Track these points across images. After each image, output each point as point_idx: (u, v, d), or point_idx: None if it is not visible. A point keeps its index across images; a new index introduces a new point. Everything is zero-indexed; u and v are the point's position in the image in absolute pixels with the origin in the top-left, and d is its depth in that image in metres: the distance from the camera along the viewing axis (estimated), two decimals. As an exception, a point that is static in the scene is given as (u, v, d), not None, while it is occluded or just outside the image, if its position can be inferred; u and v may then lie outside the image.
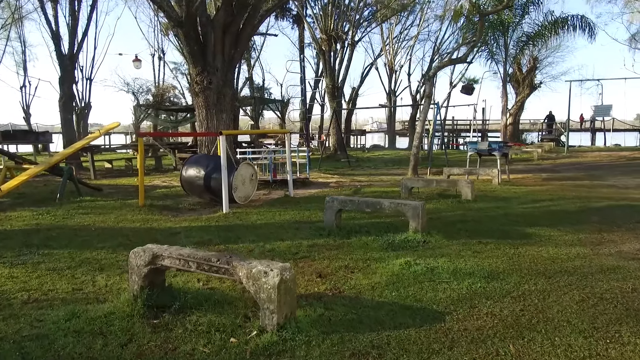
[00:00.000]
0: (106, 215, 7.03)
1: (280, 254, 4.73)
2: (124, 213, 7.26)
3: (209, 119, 14.11)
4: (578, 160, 19.43)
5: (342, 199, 5.61)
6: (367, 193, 9.18)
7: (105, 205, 8.05)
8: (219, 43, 13.74)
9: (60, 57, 16.89)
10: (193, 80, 14.15)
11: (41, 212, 7.15)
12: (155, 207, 7.90)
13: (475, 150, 11.89)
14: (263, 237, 5.53)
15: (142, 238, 5.52)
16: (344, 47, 25.10)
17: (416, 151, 11.83)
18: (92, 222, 6.53)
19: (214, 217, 6.89)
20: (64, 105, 16.65)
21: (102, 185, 11.18)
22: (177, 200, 8.90)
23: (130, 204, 8.10)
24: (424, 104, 11.75)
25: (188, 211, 7.84)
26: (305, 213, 7.10)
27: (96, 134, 9.42)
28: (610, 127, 36.57)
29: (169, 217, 7.13)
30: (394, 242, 5.05)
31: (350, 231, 5.61)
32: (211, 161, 8.09)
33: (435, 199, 8.13)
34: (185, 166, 8.19)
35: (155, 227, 6.29)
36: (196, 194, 8.37)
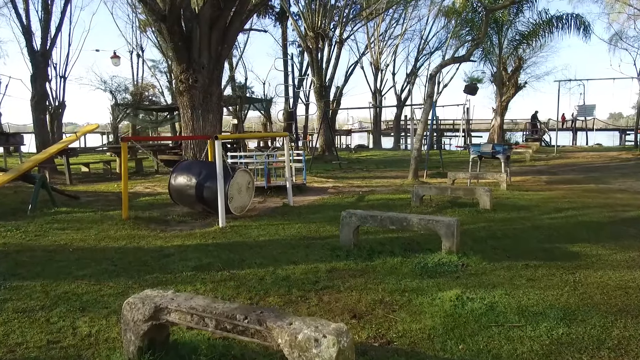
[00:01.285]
0: (85, 232, 6.17)
1: (298, 284, 3.99)
2: (105, 228, 6.41)
3: (194, 120, 13.23)
4: (571, 161, 19.11)
5: (361, 214, 4.89)
6: (372, 201, 8.49)
7: (84, 218, 7.16)
8: (205, 39, 12.88)
9: (32, 54, 15.79)
10: (177, 79, 13.25)
11: (9, 229, 6.25)
12: (141, 219, 7.05)
13: (479, 153, 11.33)
14: (271, 259, 4.78)
15: (129, 262, 4.72)
16: (331, 45, 24.40)
17: (417, 154, 11.21)
18: (70, 240, 5.67)
19: (210, 233, 6.10)
20: (37, 104, 15.56)
21: (79, 192, 10.25)
22: (164, 210, 8.07)
23: (112, 217, 7.24)
24: (425, 105, 11.13)
25: (178, 224, 7.03)
26: (312, 227, 6.37)
27: (73, 137, 8.52)
28: (592, 127, 36.77)
29: (158, 232, 6.32)
30: (427, 265, 4.36)
31: (371, 251, 4.91)
32: (203, 168, 7.28)
33: (450, 208, 7.48)
34: (174, 173, 7.37)
35: (144, 246, 5.47)
36: (187, 204, 7.55)
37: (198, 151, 13.38)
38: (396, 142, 38.03)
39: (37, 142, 15.62)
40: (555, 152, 22.65)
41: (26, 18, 16.02)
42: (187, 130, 13.35)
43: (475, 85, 13.39)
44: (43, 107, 15.71)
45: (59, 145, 8.36)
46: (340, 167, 17.87)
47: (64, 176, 13.31)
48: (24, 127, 42.50)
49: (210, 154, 8.69)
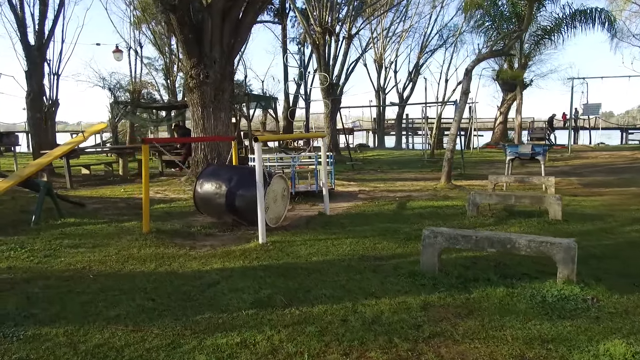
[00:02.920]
0: (103, 250, 5.24)
1: (396, 329, 3.11)
2: (125, 245, 5.48)
3: (205, 118, 12.29)
4: (589, 162, 18.40)
5: (450, 234, 4.02)
6: (417, 209, 7.62)
7: (98, 231, 6.23)
8: (216, 31, 11.93)
9: (27, 48, 14.74)
10: (187, 74, 12.29)
11: (12, 246, 5.30)
12: (163, 233, 6.14)
13: (517, 155, 10.51)
14: (341, 290, 3.89)
15: (168, 294, 3.81)
16: (338, 41, 23.47)
17: (450, 155, 10.36)
18: (87, 262, 4.74)
19: (250, 251, 5.19)
20: (32, 102, 14.53)
21: (83, 198, 9.29)
22: (184, 220, 7.16)
23: (129, 229, 6.31)
24: (460, 102, 10.29)
25: (206, 237, 6.13)
26: (366, 243, 5.48)
27: (80, 137, 7.58)
28: (594, 126, 36.15)
29: (187, 249, 5.41)
30: (545, 299, 3.51)
31: (461, 278, 4.04)
32: (234, 174, 6.37)
33: (513, 218, 6.64)
34: (200, 179, 6.45)
35: (178, 269, 4.56)
36: (214, 214, 6.64)
37: (209, 152, 12.46)
38: (398, 142, 37.26)
39: (33, 142, 14.60)
40: (569, 152, 21.95)
41: (21, 10, 14.95)
42: (197, 129, 12.40)
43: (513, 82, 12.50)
44: (39, 105, 14.67)
45: (65, 147, 7.41)
46: (353, 168, 17.04)
47: (63, 179, 12.31)
48: (14, 125, 41.13)
49: (235, 156, 7.78)
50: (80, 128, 43.86)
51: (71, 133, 39.27)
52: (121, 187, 11.49)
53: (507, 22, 17.88)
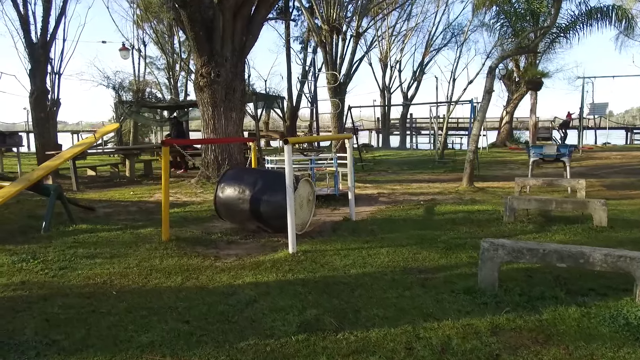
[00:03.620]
0: (123, 261, 4.85)
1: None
2: (146, 255, 5.09)
3: (215, 118, 11.90)
4: (603, 162, 18.03)
5: (512, 247, 3.64)
6: (448, 214, 7.24)
7: (113, 239, 5.84)
8: (228, 28, 11.53)
9: (30, 46, 14.32)
10: (197, 73, 11.90)
11: (24, 257, 4.91)
12: (183, 241, 5.75)
13: (541, 156, 10.13)
14: (394, 309, 3.51)
15: (203, 315, 3.43)
16: (345, 40, 23.09)
17: (473, 156, 9.98)
18: (108, 276, 4.35)
19: (281, 262, 4.81)
20: (36, 101, 14.12)
21: (92, 201, 8.91)
22: (202, 226, 6.79)
23: (147, 237, 5.92)
24: (483, 101, 9.91)
25: (228, 245, 5.76)
26: (404, 253, 5.10)
27: (91, 138, 7.19)
28: (599, 125, 35.75)
29: (212, 259, 5.03)
30: (629, 322, 3.13)
31: (524, 295, 3.65)
32: (259, 177, 5.98)
33: (554, 224, 6.26)
34: (221, 184, 6.06)
35: (208, 284, 4.17)
36: (237, 220, 6.25)
37: (220, 153, 12.08)
38: (402, 142, 36.89)
39: (37, 142, 14.17)
40: (580, 152, 21.56)
41: (24, 7, 14.52)
42: (208, 129, 12.01)
43: (540, 80, 12.12)
44: (43, 105, 14.26)
45: (76, 149, 7.02)
46: (363, 169, 16.67)
47: (68, 181, 11.92)
48: (14, 125, 40.68)
49: (255, 159, 7.40)
50: (80, 128, 43.42)
51: (72, 133, 38.86)
52: (129, 189, 11.10)
53: (521, 20, 17.46)
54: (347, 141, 6.73)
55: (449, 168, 16.90)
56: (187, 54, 31.32)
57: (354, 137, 22.61)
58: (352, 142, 6.82)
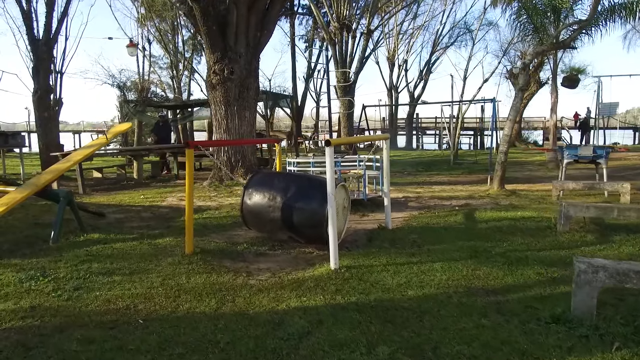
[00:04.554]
0: (144, 278, 4.27)
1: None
2: (169, 270, 4.51)
3: (228, 117, 11.32)
4: (624, 164, 17.44)
5: (615, 268, 3.06)
6: (491, 221, 6.65)
7: (129, 251, 5.26)
8: (242, 23, 10.95)
9: (33, 43, 13.77)
10: (210, 70, 11.32)
11: (32, 274, 4.32)
12: (208, 253, 5.17)
13: (576, 157, 9.55)
14: (477, 343, 2.94)
15: (251, 352, 2.85)
16: (355, 38, 22.49)
17: (504, 158, 9.40)
18: (131, 299, 3.77)
19: (325, 280, 4.23)
20: (39, 100, 13.58)
21: (100, 206, 8.35)
22: (224, 234, 6.24)
23: (166, 248, 5.35)
24: (515, 99, 9.33)
25: (257, 258, 5.19)
26: (460, 268, 4.52)
27: (102, 139, 6.61)
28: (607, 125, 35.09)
29: (244, 275, 4.45)
30: None
31: (631, 326, 3.07)
32: (291, 183, 5.40)
33: (614, 233, 5.67)
34: (249, 189, 5.47)
35: (247, 309, 3.59)
36: (265, 230, 5.67)
37: (232, 155, 11.50)
38: (409, 142, 36.34)
39: (41, 143, 13.61)
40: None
41: (27, 3, 13.95)
42: (220, 129, 11.43)
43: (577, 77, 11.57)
44: (47, 104, 13.70)
45: (87, 151, 6.44)
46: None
47: (73, 183, 11.35)
48: (14, 125, 40.04)
49: (279, 162, 6.82)
50: (81, 128, 42.79)
51: (73, 133, 38.24)
52: (138, 192, 10.53)
53: (541, 16, 16.82)
54: (385, 142, 6.16)
55: (467, 169, 16.34)
56: (190, 53, 30.81)
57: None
58: (388, 142, 6.21)
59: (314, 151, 27.08)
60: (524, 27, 15.47)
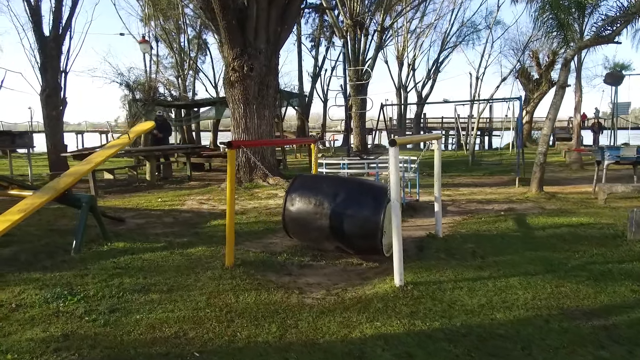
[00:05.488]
0: (186, 297, 3.74)
1: None
2: (212, 287, 3.99)
3: (247, 117, 10.79)
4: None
5: None
6: (548, 228, 6.11)
7: (161, 262, 4.73)
8: (262, 17, 10.41)
9: (41, 40, 13.24)
10: (228, 67, 10.78)
11: (58, 292, 3.79)
12: (250, 265, 4.65)
13: (617, 158, 9.02)
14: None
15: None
16: (367, 35, 21.96)
17: (543, 159, 8.87)
18: (177, 323, 3.25)
19: (393, 299, 3.70)
20: (48, 98, 13.05)
21: (117, 210, 7.84)
22: (259, 242, 5.74)
23: (201, 259, 4.82)
24: (556, 97, 8.80)
25: (302, 270, 4.68)
26: (540, 284, 4.00)
27: (124, 139, 6.08)
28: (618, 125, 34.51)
29: (296, 293, 3.94)
30: None
31: None
32: (340, 187, 4.87)
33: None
34: (291, 194, 4.94)
35: (316, 338, 3.07)
36: (309, 239, 5.15)
37: (252, 155, 10.96)
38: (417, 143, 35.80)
39: (49, 143, 13.09)
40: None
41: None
42: (239, 129, 10.90)
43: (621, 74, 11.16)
44: (55, 102, 13.17)
45: (109, 151, 5.91)
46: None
47: (84, 185, 10.82)
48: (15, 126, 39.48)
49: (315, 164, 6.30)
50: (83, 128, 42.26)
51: (76, 133, 37.69)
52: (153, 194, 10.02)
53: (564, 13, 16.28)
54: (436, 142, 5.63)
55: (487, 170, 15.83)
56: (195, 52, 30.32)
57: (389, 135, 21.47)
58: (441, 142, 5.69)
59: (322, 152, 26.58)
60: (547, 23, 14.93)
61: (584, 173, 14.34)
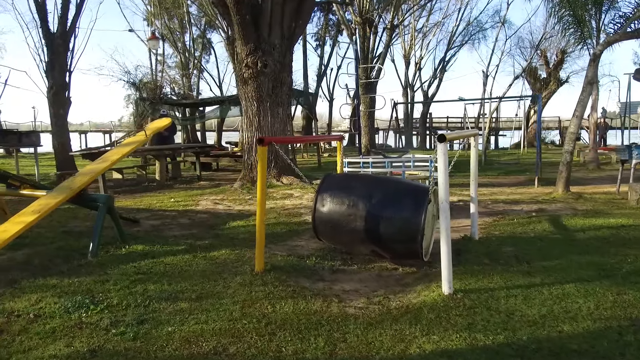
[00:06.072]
0: (218, 305, 3.44)
1: None
2: (245, 294, 3.68)
3: (261, 114, 10.50)
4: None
5: None
6: (587, 230, 5.80)
7: (185, 267, 4.44)
8: (277, 12, 10.11)
9: (48, 37, 12.93)
10: (241, 63, 10.49)
11: (79, 300, 3.50)
12: (280, 270, 4.35)
13: (648, 158, 8.69)
14: None
15: None
16: (376, 33, 21.65)
17: (570, 158, 8.55)
18: (214, 337, 2.95)
19: (445, 309, 3.39)
20: (55, 96, 12.75)
21: (130, 210, 7.56)
22: (284, 245, 5.46)
23: (226, 263, 4.54)
24: (584, 94, 8.48)
25: (335, 276, 4.39)
26: (600, 292, 3.68)
27: (141, 136, 5.79)
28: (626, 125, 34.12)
29: (334, 301, 3.64)
30: None
31: None
32: (375, 187, 4.57)
33: None
34: (322, 193, 4.64)
35: (371, 354, 2.77)
36: (342, 242, 4.84)
37: (271, 153, 10.66)
38: (422, 142, 35.49)
39: (56, 142, 12.79)
40: None
41: (40, -9, 13.13)
42: (252, 127, 10.61)
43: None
44: (63, 100, 12.87)
45: (125, 149, 5.62)
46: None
47: (94, 185, 10.53)
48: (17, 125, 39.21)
49: (341, 163, 5.99)
50: (84, 128, 41.97)
51: (80, 133, 37.40)
52: (165, 194, 9.75)
53: (581, 9, 15.95)
54: (473, 139, 5.32)
55: (501, 170, 15.54)
56: (199, 51, 30.04)
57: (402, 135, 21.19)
58: (478, 140, 5.39)
59: (329, 151, 26.23)
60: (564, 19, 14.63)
61: (601, 173, 14.04)
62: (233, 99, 16.55)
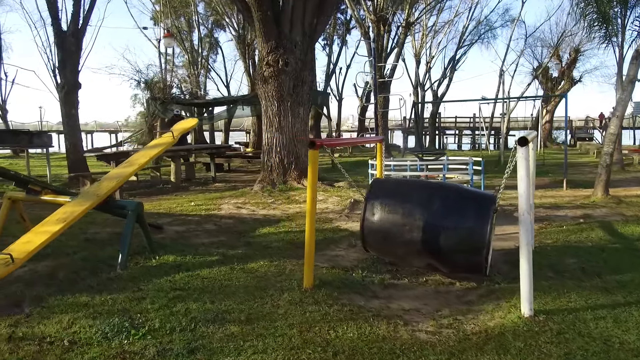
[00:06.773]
0: (272, 329, 3.06)
1: None
2: (299, 316, 3.30)
3: (281, 114, 10.10)
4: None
5: None
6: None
7: (224, 281, 4.05)
8: (299, 8, 9.73)
9: (59, 35, 12.59)
10: (262, 61, 10.10)
11: (116, 323, 3.12)
12: (330, 286, 3.96)
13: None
14: None
15: None
16: (390, 31, 21.23)
17: (610, 160, 8.14)
18: (280, 372, 2.56)
19: (529, 334, 3.00)
20: (67, 96, 12.42)
21: (150, 214, 7.17)
22: (323, 255, 5.07)
23: (268, 277, 4.16)
24: (625, 92, 8.07)
25: (388, 291, 4.01)
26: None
27: (169, 138, 5.41)
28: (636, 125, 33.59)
29: (400, 324, 3.24)
30: None
31: None
32: (433, 193, 4.17)
33: None
34: (372, 200, 4.24)
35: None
36: (395, 254, 4.44)
37: (285, 156, 10.28)
38: (432, 142, 35.03)
39: (68, 142, 12.46)
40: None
41: (52, -11, 12.78)
42: (272, 128, 10.22)
43: None
44: (74, 100, 12.53)
45: (153, 151, 5.24)
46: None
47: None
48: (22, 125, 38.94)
49: (381, 166, 5.59)
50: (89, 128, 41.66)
51: (86, 133, 37.12)
52: (182, 197, 9.39)
53: (607, 6, 15.48)
54: (531, 141, 4.90)
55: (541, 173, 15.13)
56: (207, 51, 29.70)
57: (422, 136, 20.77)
58: (535, 142, 4.99)
59: (339, 151, 25.82)
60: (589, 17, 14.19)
61: (627, 174, 13.64)
62: (246, 98, 16.19)
